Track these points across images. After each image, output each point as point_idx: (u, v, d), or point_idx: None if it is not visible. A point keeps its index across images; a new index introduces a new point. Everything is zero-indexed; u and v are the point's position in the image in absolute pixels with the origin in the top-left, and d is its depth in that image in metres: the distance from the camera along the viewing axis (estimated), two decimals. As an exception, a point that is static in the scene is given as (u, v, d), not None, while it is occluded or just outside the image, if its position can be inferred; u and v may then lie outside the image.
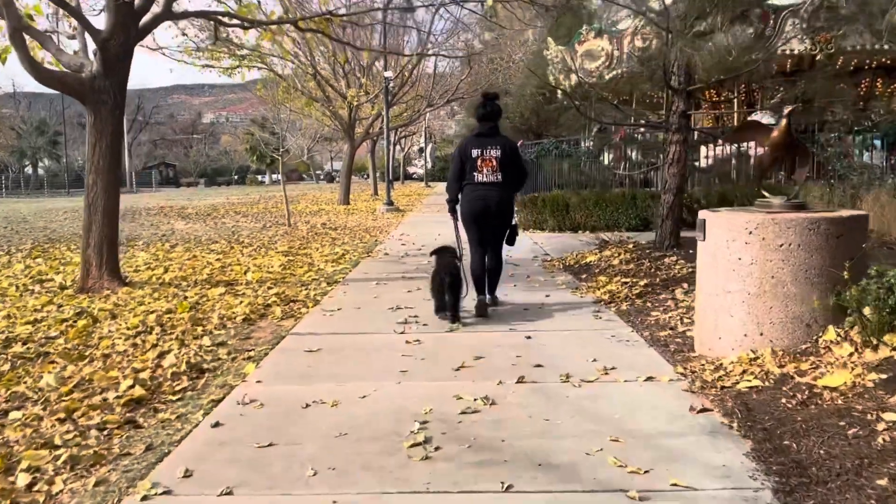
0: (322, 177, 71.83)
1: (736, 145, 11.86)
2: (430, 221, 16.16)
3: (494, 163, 5.91)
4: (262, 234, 13.93)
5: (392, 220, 17.24)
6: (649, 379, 4.14)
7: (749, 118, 12.84)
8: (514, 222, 6.37)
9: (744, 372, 4.05)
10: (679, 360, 4.52)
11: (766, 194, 4.70)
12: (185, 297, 6.91)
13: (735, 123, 14.13)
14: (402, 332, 5.44)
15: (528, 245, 11.34)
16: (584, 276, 7.93)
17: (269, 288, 7.46)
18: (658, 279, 6.96)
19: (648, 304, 6.16)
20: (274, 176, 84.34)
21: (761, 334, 4.28)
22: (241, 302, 6.65)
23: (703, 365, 4.33)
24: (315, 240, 12.60)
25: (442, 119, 65.95)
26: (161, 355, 4.91)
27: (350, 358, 4.74)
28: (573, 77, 15.00)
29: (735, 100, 14.33)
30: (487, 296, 6.25)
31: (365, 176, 68.15)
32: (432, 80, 24.53)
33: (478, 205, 6.00)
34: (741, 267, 4.30)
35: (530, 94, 24.81)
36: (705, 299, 4.59)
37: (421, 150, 56.41)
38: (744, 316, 4.32)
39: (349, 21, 13.31)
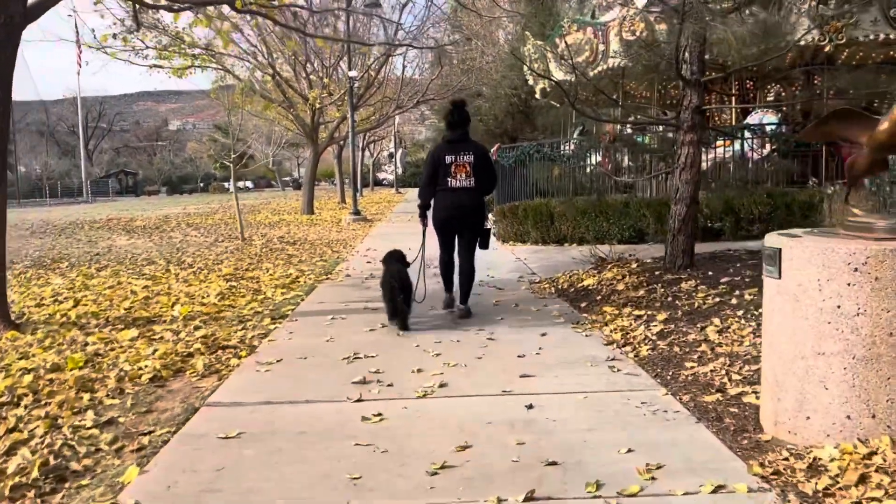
0: (289, 183, 69.91)
1: (739, 145, 10.64)
2: (400, 233, 14.74)
3: (468, 168, 6.05)
4: (209, 251, 12.41)
5: (358, 232, 15.80)
6: (718, 489, 2.80)
7: (752, 114, 11.67)
8: (487, 226, 6.50)
9: (861, 479, 2.73)
10: (749, 450, 3.18)
11: (856, 211, 3.40)
12: (85, 346, 5.43)
13: (733, 121, 12.94)
14: (357, 400, 4.03)
15: (510, 262, 9.99)
16: (584, 304, 6.60)
17: (197, 328, 5.99)
18: (679, 312, 5.64)
19: (676, 349, 4.83)
20: (241, 184, 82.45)
21: (874, 416, 2.97)
22: (155, 351, 5.18)
23: (787, 460, 3.00)
24: (268, 258, 11.12)
25: (413, 124, 64.68)
26: (10, 450, 3.45)
27: (281, 453, 3.32)
28: (557, 73, 13.73)
29: (733, 97, 13.17)
30: (460, 305, 6.33)
31: (333, 182, 66.60)
32: (400, 81, 23.12)
33: (453, 210, 6.17)
34: (842, 319, 2.99)
35: (504, 95, 23.56)
36: (783, 362, 3.25)
37: (391, 156, 54.98)
38: (846, 389, 3.00)
39: (302, 7, 11.90)
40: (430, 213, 6.42)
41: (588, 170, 12.76)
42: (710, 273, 6.64)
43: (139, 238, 15.22)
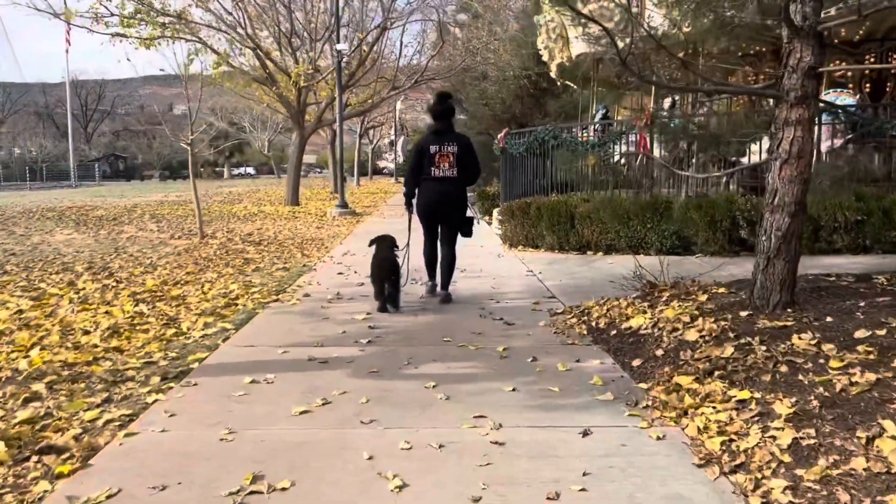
0: (285, 169, 67.58)
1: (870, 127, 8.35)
2: (391, 230, 12.47)
3: (452, 158, 6.26)
4: (153, 252, 10.20)
5: (342, 229, 13.57)
6: None
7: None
8: (468, 214, 6.61)
9: None
10: None
11: None
12: None
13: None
14: None
15: (519, 275, 7.76)
16: (636, 361, 4.37)
17: (30, 400, 3.79)
18: (812, 397, 3.39)
19: (842, 495, 2.60)
20: (242, 170, 79.94)
21: None
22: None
23: None
24: (217, 264, 8.91)
25: (416, 111, 62.24)
26: None
27: None
28: (577, 46, 11.46)
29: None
30: (441, 291, 6.50)
31: (318, 171, 64.07)
32: (397, 59, 20.75)
33: (435, 198, 6.33)
34: None
35: (513, 76, 21.25)
36: None
37: (392, 144, 52.63)
38: None
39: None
40: (414, 202, 6.57)
41: (620, 159, 10.49)
42: (826, 317, 4.40)
43: (83, 233, 13.01)
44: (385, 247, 6.31)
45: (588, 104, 22.02)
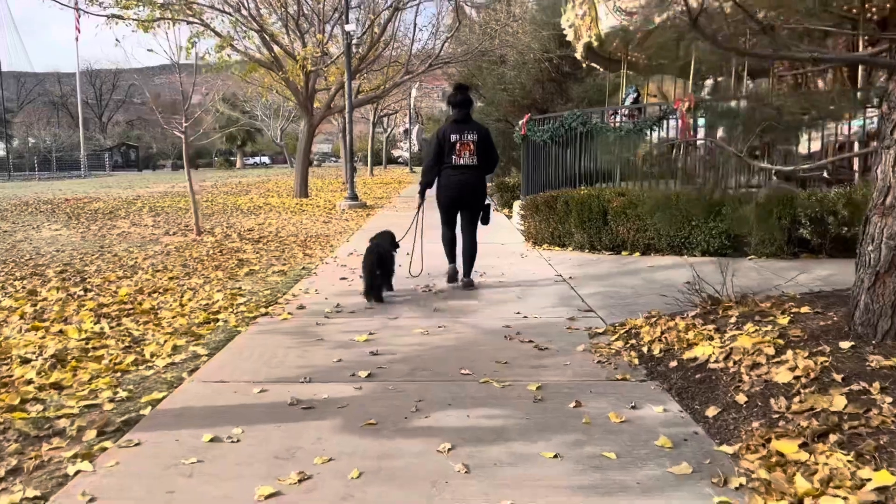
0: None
1: None
2: (403, 224, 11.56)
3: (472, 147, 6.35)
4: (141, 250, 9.30)
5: (350, 224, 12.61)
6: None
7: None
8: (487, 202, 6.66)
9: None
10: None
11: None
12: None
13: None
14: None
15: (547, 280, 6.76)
16: (708, 408, 3.37)
17: None
18: None
19: None
20: (257, 159, 79.09)
21: None
22: None
23: None
24: (207, 265, 7.98)
25: (432, 99, 61.21)
26: None
27: None
28: (607, 20, 10.39)
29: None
30: (464, 278, 6.57)
31: (334, 160, 62.94)
32: (411, 41, 19.67)
33: (456, 186, 6.42)
34: None
35: (533, 60, 20.12)
36: None
37: (407, 132, 51.58)
38: None
39: None
40: (430, 192, 6.59)
41: (674, 149, 9.40)
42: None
43: (73, 229, 12.14)
44: (380, 239, 6.36)
45: (615, 88, 20.88)
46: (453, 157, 6.37)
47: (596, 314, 5.49)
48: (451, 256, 6.74)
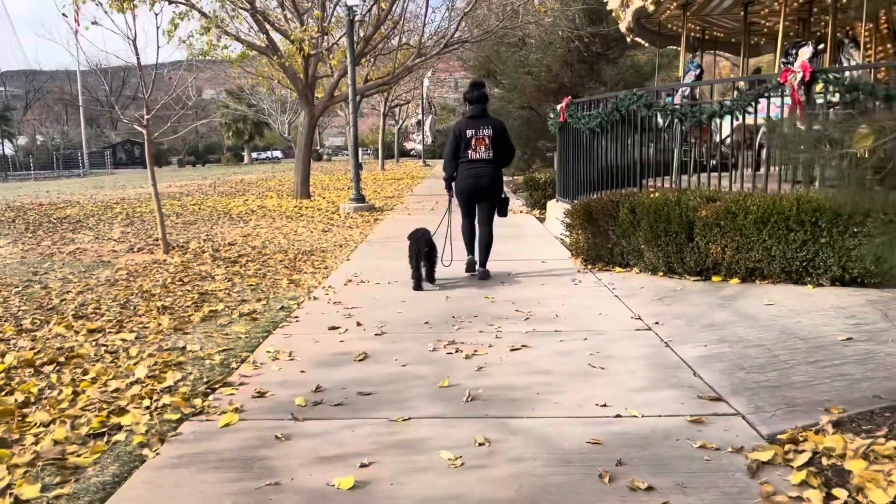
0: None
1: None
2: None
3: (487, 141, 6.54)
4: (83, 278, 7.29)
5: (354, 232, 10.53)
6: None
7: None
8: (503, 195, 6.81)
9: None
10: None
11: None
12: None
13: None
14: None
15: (626, 328, 4.60)
16: None
17: None
18: None
19: None
20: (269, 153, 77.04)
21: None
22: None
23: None
24: (152, 305, 5.91)
25: (447, 88, 59.03)
26: None
27: None
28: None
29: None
30: (479, 268, 6.73)
31: (367, 152, 60.62)
32: (423, 21, 17.42)
33: (472, 180, 6.59)
34: None
35: (561, 39, 17.90)
36: None
37: (419, 123, 49.36)
38: None
39: None
40: (453, 185, 6.77)
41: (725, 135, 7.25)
42: None
43: (21, 244, 10.13)
44: (420, 232, 6.48)
45: (652, 70, 18.61)
46: (469, 151, 6.58)
47: (730, 406, 3.38)
48: (470, 248, 6.88)
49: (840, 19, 10.70)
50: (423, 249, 6.31)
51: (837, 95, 5.74)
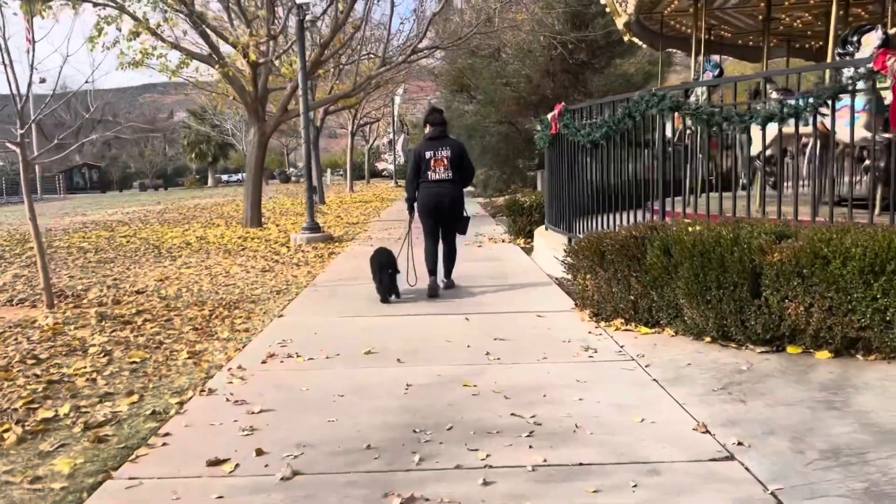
0: (274, 176, 61.70)
1: None
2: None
3: (446, 162, 6.67)
4: None
5: (300, 272, 8.56)
6: None
7: None
8: (465, 214, 6.95)
9: None
10: None
11: None
12: None
13: None
14: None
15: (688, 453, 2.65)
16: None
17: None
18: None
19: None
20: (237, 176, 74.26)
21: None
22: None
23: None
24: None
25: (419, 107, 57.10)
26: None
27: None
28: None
29: None
30: (444, 279, 6.92)
31: (338, 172, 58.00)
32: (389, 20, 15.54)
33: (433, 200, 6.74)
34: None
35: (542, 48, 16.17)
36: None
37: (391, 143, 47.54)
38: None
39: None
40: (415, 206, 6.95)
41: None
42: None
43: None
44: (384, 250, 6.66)
45: (647, 77, 16.97)
46: (429, 172, 6.70)
47: None
48: (433, 269, 6.85)
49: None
50: (385, 270, 6.40)
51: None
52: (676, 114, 6.31)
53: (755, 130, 5.97)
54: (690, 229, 4.86)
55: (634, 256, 4.99)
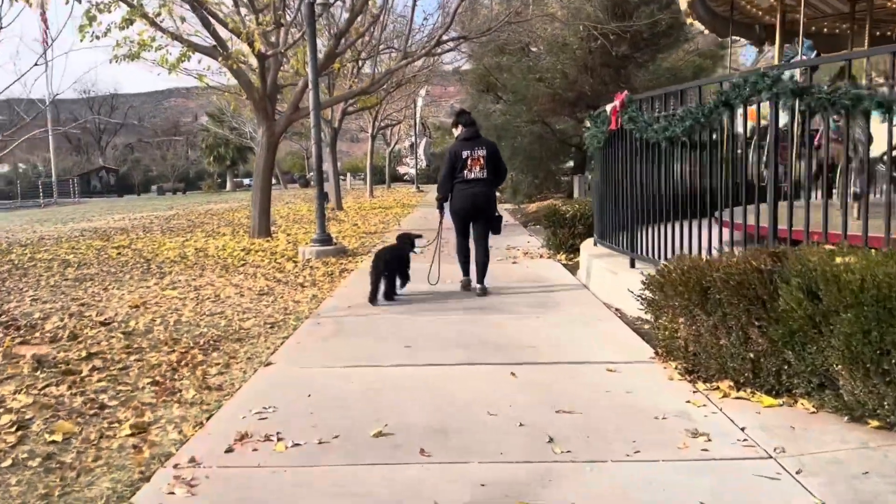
0: (294, 179, 60.49)
1: None
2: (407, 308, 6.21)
3: (482, 161, 6.68)
4: None
5: (304, 296, 7.16)
6: None
7: None
8: (498, 214, 6.97)
9: None
10: None
11: None
12: None
13: None
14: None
15: None
16: None
17: None
18: None
19: None
20: (249, 180, 73.31)
21: None
22: None
23: None
24: None
25: (441, 108, 55.69)
26: None
27: None
28: None
29: None
30: (477, 285, 6.83)
31: (359, 177, 56.60)
32: (411, 13, 14.09)
33: (469, 199, 6.75)
34: None
35: (579, 39, 14.68)
36: None
37: (412, 146, 46.17)
38: None
39: None
40: (447, 205, 6.96)
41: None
42: None
43: None
44: (398, 243, 6.74)
45: (698, 70, 15.43)
46: (465, 171, 6.68)
47: None
48: (465, 268, 7.00)
49: None
50: (381, 271, 6.37)
51: None
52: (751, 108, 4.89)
53: (877, 126, 4.51)
54: (839, 260, 3.37)
55: (758, 298, 3.51)
